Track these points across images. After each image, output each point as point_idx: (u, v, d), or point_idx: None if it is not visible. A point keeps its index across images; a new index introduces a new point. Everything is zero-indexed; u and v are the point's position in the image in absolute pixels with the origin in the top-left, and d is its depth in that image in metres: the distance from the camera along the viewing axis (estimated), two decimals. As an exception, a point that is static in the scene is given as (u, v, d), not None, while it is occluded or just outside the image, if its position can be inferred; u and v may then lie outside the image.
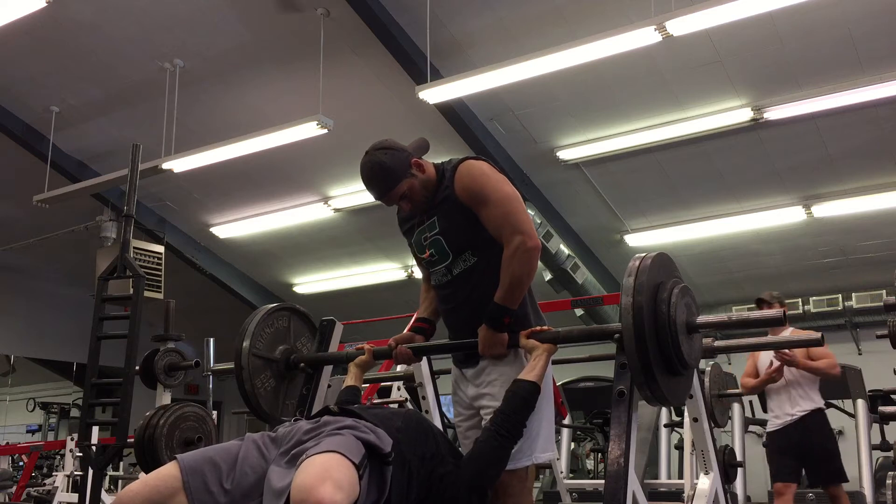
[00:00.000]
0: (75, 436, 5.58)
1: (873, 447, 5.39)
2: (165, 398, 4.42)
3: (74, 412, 14.65)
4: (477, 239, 2.44)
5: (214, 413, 4.78)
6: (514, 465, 2.41)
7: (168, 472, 1.93)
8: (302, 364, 2.95)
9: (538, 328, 2.40)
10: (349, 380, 2.75)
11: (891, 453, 5.80)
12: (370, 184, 2.56)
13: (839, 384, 5.59)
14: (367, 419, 2.08)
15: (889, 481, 4.02)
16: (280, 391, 2.87)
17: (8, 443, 11.24)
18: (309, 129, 6.61)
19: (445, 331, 2.72)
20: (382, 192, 2.53)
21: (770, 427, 4.91)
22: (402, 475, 2.05)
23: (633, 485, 3.00)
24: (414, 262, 10.34)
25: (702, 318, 2.30)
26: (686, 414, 3.78)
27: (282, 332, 2.93)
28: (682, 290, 2.25)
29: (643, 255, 2.23)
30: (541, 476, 6.88)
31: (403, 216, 2.68)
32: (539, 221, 7.72)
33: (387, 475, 2.00)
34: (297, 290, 11.02)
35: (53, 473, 8.17)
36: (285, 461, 1.97)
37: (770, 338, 4.21)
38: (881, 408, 3.32)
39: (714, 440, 3.75)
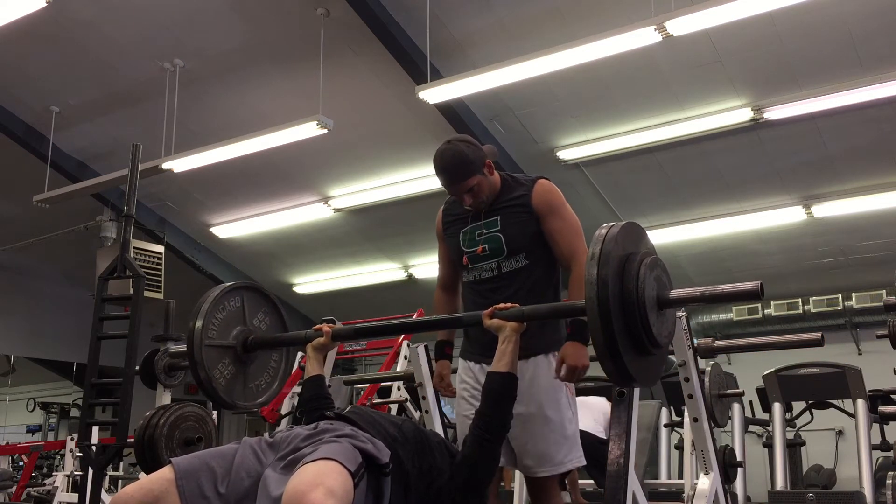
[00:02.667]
0: (75, 436, 5.58)
1: (873, 447, 5.38)
2: (165, 398, 4.41)
3: (74, 412, 14.66)
4: (534, 245, 2.63)
5: (214, 413, 4.78)
6: (560, 469, 2.58)
7: (162, 475, 1.93)
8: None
9: (502, 305, 2.34)
10: (310, 367, 2.58)
11: (891, 453, 5.79)
12: (447, 169, 2.61)
13: (839, 384, 5.59)
14: (365, 428, 2.07)
15: (889, 481, 4.01)
16: (240, 376, 2.72)
17: (8, 443, 11.24)
18: (309, 129, 6.61)
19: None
20: (455, 180, 2.59)
21: None
22: (400, 487, 2.05)
23: (633, 485, 3.00)
24: (413, 263, 10.37)
25: (674, 293, 2.12)
26: (686, 414, 3.78)
27: (235, 313, 2.74)
28: (652, 261, 2.09)
29: (610, 224, 2.09)
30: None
31: (453, 211, 2.77)
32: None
33: (384, 486, 2.00)
34: (297, 290, 11.03)
35: (53, 473, 8.18)
36: (282, 467, 1.96)
37: (771, 338, 4.20)
38: (881, 408, 3.32)
39: (714, 440, 3.74)
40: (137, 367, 4.05)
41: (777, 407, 5.80)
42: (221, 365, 2.66)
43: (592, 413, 4.64)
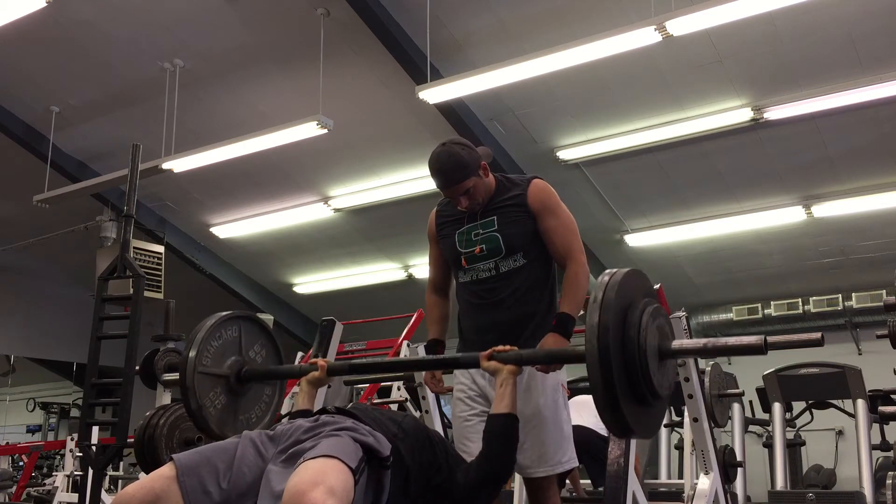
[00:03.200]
0: (75, 436, 5.57)
1: (873, 447, 5.38)
2: (165, 398, 4.42)
3: (74, 412, 14.66)
4: (531, 244, 2.64)
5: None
6: (559, 469, 2.59)
7: (164, 472, 1.93)
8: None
9: (500, 347, 2.33)
10: (300, 400, 2.55)
11: (891, 453, 5.79)
12: (442, 171, 2.61)
13: (839, 384, 5.59)
14: (366, 422, 2.07)
15: (889, 481, 4.01)
16: (231, 407, 2.67)
17: (8, 443, 11.24)
18: (309, 129, 6.61)
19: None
20: (451, 182, 2.60)
21: None
22: (400, 481, 2.05)
23: (633, 485, 3.00)
24: (413, 263, 10.38)
25: (676, 344, 2.08)
26: (686, 414, 3.79)
27: (231, 343, 2.70)
28: (654, 310, 2.03)
29: (614, 270, 2.05)
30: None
31: (447, 212, 2.78)
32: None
33: (385, 480, 2.00)
34: (297, 290, 11.03)
35: (53, 473, 8.18)
36: (283, 460, 1.96)
37: (771, 337, 4.19)
38: (881, 408, 3.32)
39: (714, 440, 3.75)
40: (137, 367, 4.05)
41: (777, 407, 5.81)
42: (213, 394, 2.60)
43: (593, 410, 4.62)
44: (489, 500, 2.21)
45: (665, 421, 6.14)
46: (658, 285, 4.35)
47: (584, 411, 4.41)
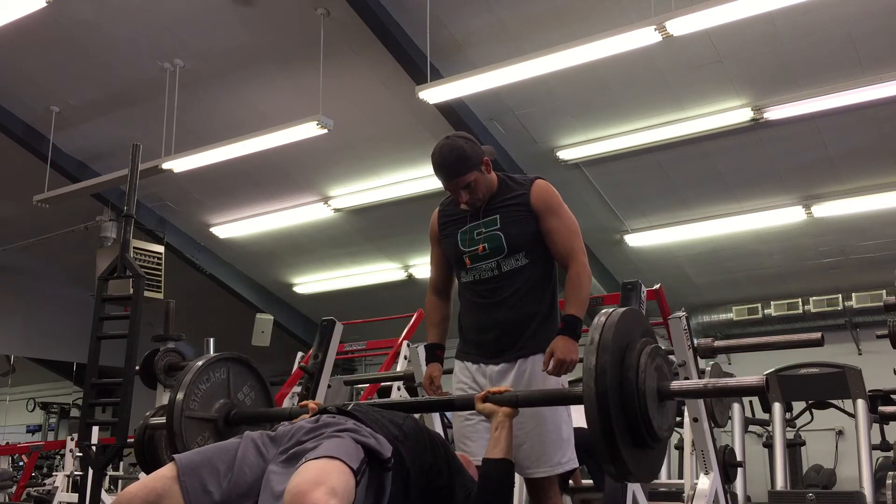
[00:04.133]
0: (75, 436, 5.57)
1: (873, 447, 5.37)
2: (165, 398, 4.41)
3: (74, 412, 14.66)
4: (533, 244, 2.65)
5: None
6: (559, 470, 2.60)
7: (165, 472, 1.94)
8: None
9: (494, 389, 2.31)
10: None
11: (891, 453, 5.79)
12: (444, 164, 2.62)
13: (839, 384, 5.59)
14: (368, 424, 2.07)
15: (889, 481, 4.02)
16: None
17: (8, 443, 11.24)
18: (309, 129, 6.61)
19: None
20: (453, 175, 2.60)
21: None
22: (400, 483, 2.05)
23: (633, 485, 3.00)
24: (413, 263, 10.37)
25: (675, 385, 2.03)
26: (686, 414, 3.78)
27: (220, 385, 2.68)
28: (652, 350, 1.99)
29: (610, 310, 2.01)
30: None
31: (450, 212, 2.78)
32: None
33: (385, 482, 2.00)
34: (297, 290, 11.03)
35: (53, 473, 8.18)
36: (284, 461, 1.96)
37: (771, 338, 4.20)
38: (881, 408, 3.32)
39: (714, 440, 3.75)
40: (137, 367, 4.05)
41: (777, 407, 5.80)
42: (201, 438, 2.57)
43: None
44: None
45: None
46: (658, 285, 4.36)
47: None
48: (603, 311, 2.01)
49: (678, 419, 5.87)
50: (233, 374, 2.72)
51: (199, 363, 2.63)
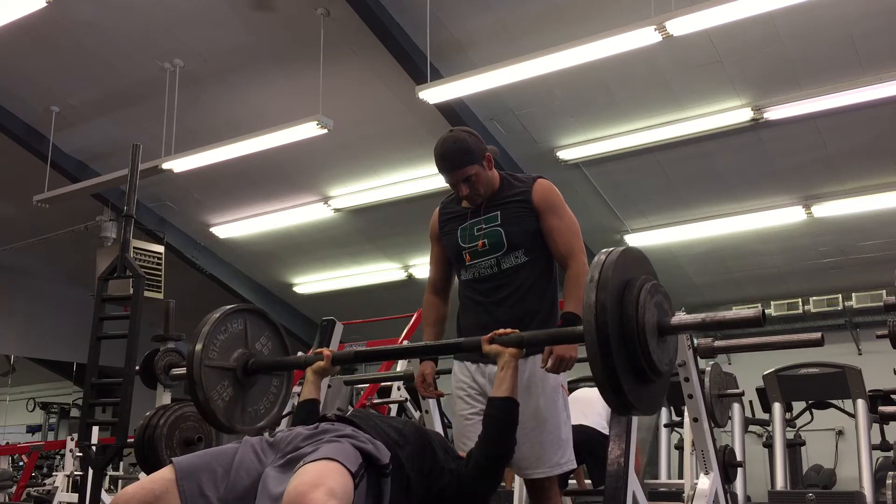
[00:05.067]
0: (75, 436, 5.58)
1: (873, 447, 5.38)
2: (165, 398, 4.42)
3: (74, 412, 14.66)
4: (533, 242, 2.65)
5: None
6: (558, 470, 2.60)
7: (163, 475, 1.94)
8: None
9: (500, 330, 2.32)
10: (306, 390, 2.57)
11: (891, 453, 5.80)
12: (446, 155, 2.62)
13: (839, 384, 5.59)
14: (366, 430, 2.07)
15: (889, 481, 4.01)
16: (239, 399, 2.68)
17: (8, 443, 11.26)
18: (309, 129, 6.61)
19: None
20: (455, 166, 2.61)
21: None
22: (400, 488, 2.05)
23: (633, 485, 3.00)
24: (413, 263, 10.36)
25: (675, 319, 2.06)
26: (686, 414, 3.79)
27: (237, 335, 2.72)
28: (652, 287, 2.02)
29: (609, 249, 2.03)
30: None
31: (451, 209, 2.79)
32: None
33: (384, 487, 2.00)
34: (297, 290, 11.03)
35: (53, 473, 8.18)
36: (281, 465, 1.97)
37: (771, 338, 4.20)
38: (881, 408, 3.32)
39: (714, 440, 3.75)
40: (137, 367, 4.05)
41: (777, 407, 5.81)
42: (220, 387, 2.62)
43: (595, 408, 4.57)
44: (493, 486, 2.21)
45: (665, 421, 6.14)
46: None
47: (586, 409, 4.39)
48: (603, 250, 2.03)
49: (678, 419, 5.88)
50: (250, 324, 2.75)
51: (217, 314, 2.65)
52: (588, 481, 4.87)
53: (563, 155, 7.53)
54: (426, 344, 2.75)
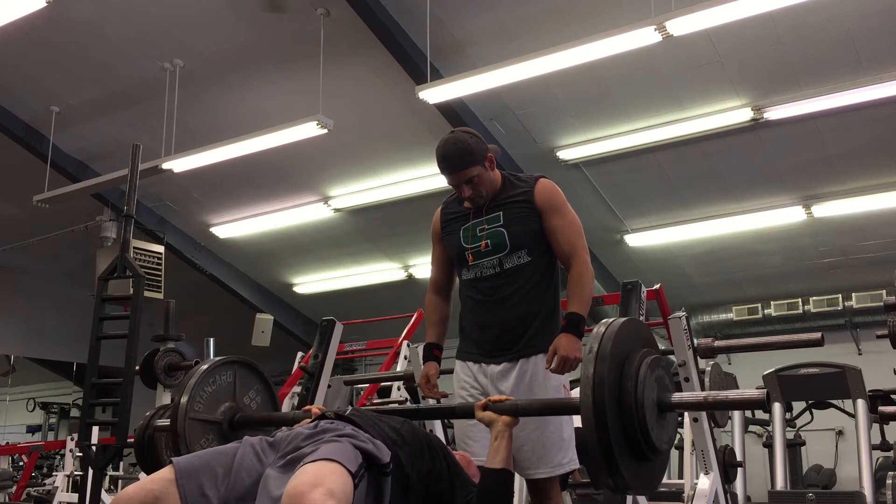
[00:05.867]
0: (75, 436, 5.58)
1: (873, 447, 5.37)
2: (165, 398, 4.42)
3: (74, 412, 14.66)
4: (536, 242, 2.66)
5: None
6: (560, 471, 2.59)
7: (163, 475, 1.94)
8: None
9: (494, 398, 2.30)
10: None
11: (891, 453, 5.79)
12: (448, 156, 2.63)
13: (839, 384, 5.59)
14: (366, 429, 2.07)
15: (889, 481, 4.01)
16: None
17: (8, 443, 11.24)
18: (309, 129, 6.61)
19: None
20: (457, 167, 2.62)
21: None
22: (400, 488, 2.05)
23: (634, 485, 2.99)
24: (413, 263, 10.36)
25: (676, 398, 1.99)
26: (686, 414, 3.78)
27: (226, 388, 2.68)
28: (652, 362, 1.95)
29: (610, 320, 1.97)
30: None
31: (453, 209, 2.79)
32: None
33: (384, 487, 2.00)
34: (297, 290, 11.03)
35: (53, 473, 8.18)
36: (281, 465, 1.97)
37: (771, 338, 4.20)
38: (881, 408, 3.32)
39: (714, 440, 3.74)
40: (137, 367, 4.05)
41: (777, 407, 5.80)
42: (204, 440, 2.57)
43: None
44: None
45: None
46: (658, 285, 4.36)
47: None
48: (603, 321, 1.98)
49: (678, 419, 5.87)
50: (239, 377, 2.72)
51: (205, 367, 2.63)
52: (586, 481, 4.87)
53: (563, 155, 7.53)
54: (419, 407, 2.81)
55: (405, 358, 5.07)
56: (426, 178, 7.97)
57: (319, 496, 1.73)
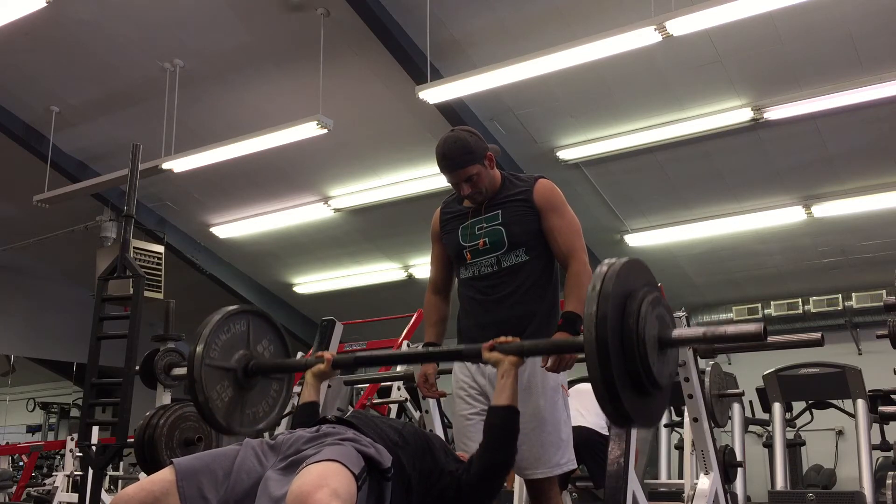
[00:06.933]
0: (75, 436, 5.58)
1: (873, 447, 5.38)
2: (165, 398, 4.42)
3: (74, 412, 14.66)
4: (534, 241, 2.66)
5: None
6: (558, 471, 2.60)
7: (163, 476, 1.94)
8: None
9: (500, 339, 2.32)
10: (306, 393, 2.57)
11: (891, 453, 5.79)
12: (448, 155, 2.64)
13: (839, 384, 5.59)
14: (367, 433, 2.08)
15: (889, 481, 4.01)
16: (238, 401, 2.67)
17: (8, 443, 11.25)
18: (309, 129, 6.61)
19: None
20: (457, 165, 2.62)
21: None
22: (402, 491, 2.05)
23: (633, 485, 3.00)
24: (413, 263, 10.36)
25: (676, 333, 2.04)
26: (686, 414, 3.79)
27: (240, 337, 2.71)
28: (653, 299, 1.99)
29: (612, 260, 2.01)
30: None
31: (452, 208, 2.80)
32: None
33: (386, 491, 2.00)
34: (297, 290, 11.03)
35: (53, 473, 8.18)
36: (282, 467, 1.97)
37: (771, 337, 4.20)
38: (881, 408, 3.32)
39: (714, 440, 3.75)
40: (137, 367, 4.05)
41: (777, 407, 5.81)
42: (220, 387, 2.60)
43: (594, 407, 4.54)
44: (494, 493, 2.21)
45: (665, 421, 6.14)
46: (658, 285, 4.36)
47: (584, 407, 4.38)
48: (605, 260, 2.00)
49: (678, 419, 5.88)
50: (253, 326, 2.74)
51: (219, 315, 2.64)
52: (588, 484, 4.87)
53: (563, 155, 7.53)
54: (427, 351, 2.76)
55: (405, 358, 5.07)
56: (426, 178, 7.97)
57: (324, 496, 1.73)
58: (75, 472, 6.31)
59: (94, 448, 4.16)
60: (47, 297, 11.99)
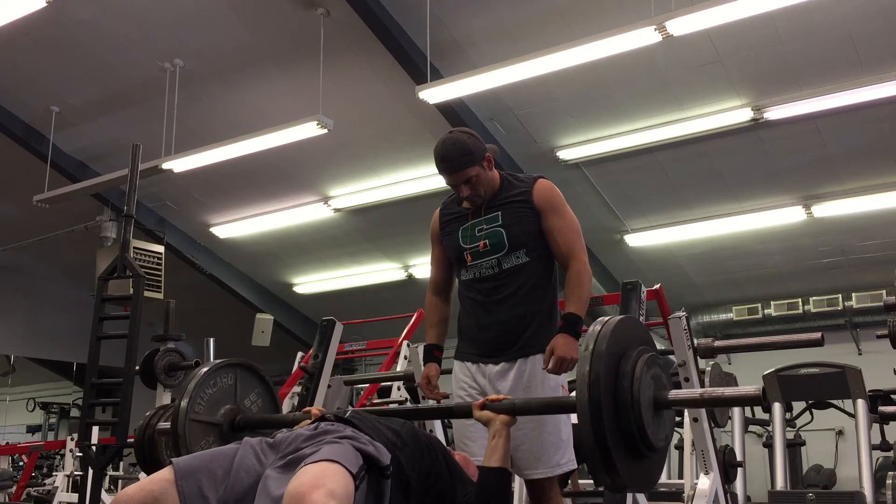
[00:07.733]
0: (75, 436, 5.58)
1: (873, 447, 5.37)
2: (165, 398, 4.42)
3: (74, 412, 14.66)
4: (534, 242, 2.65)
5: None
6: (558, 471, 2.59)
7: (163, 475, 1.94)
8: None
9: (492, 397, 2.30)
10: None
11: (891, 453, 5.79)
12: (447, 157, 2.63)
13: (839, 384, 5.58)
14: (366, 431, 2.08)
15: (889, 481, 4.01)
16: None
17: (8, 443, 11.25)
18: (309, 129, 6.61)
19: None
20: (455, 167, 2.62)
21: None
22: (400, 490, 2.05)
23: (634, 485, 2.99)
24: (413, 263, 10.36)
25: (673, 395, 1.99)
26: (686, 414, 3.78)
27: (227, 391, 2.66)
28: (648, 359, 1.95)
29: (606, 318, 1.97)
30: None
31: (451, 210, 2.79)
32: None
33: (385, 489, 2.01)
34: (297, 290, 11.03)
35: (53, 473, 8.18)
36: (281, 466, 1.97)
37: (771, 338, 4.20)
38: (881, 408, 3.32)
39: (714, 440, 3.75)
40: (137, 367, 4.06)
41: (777, 407, 5.80)
42: (205, 442, 2.56)
43: None
44: None
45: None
46: (658, 285, 4.36)
47: None
48: (599, 319, 1.97)
49: (678, 419, 5.87)
50: (240, 380, 2.72)
51: (205, 369, 2.62)
52: (589, 481, 4.87)
53: (563, 155, 7.53)
54: (416, 407, 2.76)
55: (405, 358, 5.08)
56: (426, 178, 7.97)
57: (321, 497, 1.73)
58: (75, 472, 6.30)
59: (94, 448, 4.16)
60: (47, 297, 12.00)
